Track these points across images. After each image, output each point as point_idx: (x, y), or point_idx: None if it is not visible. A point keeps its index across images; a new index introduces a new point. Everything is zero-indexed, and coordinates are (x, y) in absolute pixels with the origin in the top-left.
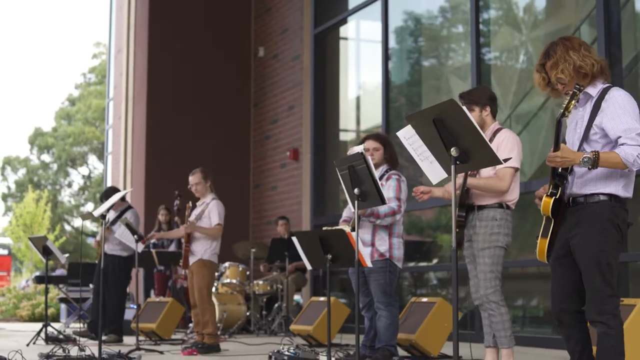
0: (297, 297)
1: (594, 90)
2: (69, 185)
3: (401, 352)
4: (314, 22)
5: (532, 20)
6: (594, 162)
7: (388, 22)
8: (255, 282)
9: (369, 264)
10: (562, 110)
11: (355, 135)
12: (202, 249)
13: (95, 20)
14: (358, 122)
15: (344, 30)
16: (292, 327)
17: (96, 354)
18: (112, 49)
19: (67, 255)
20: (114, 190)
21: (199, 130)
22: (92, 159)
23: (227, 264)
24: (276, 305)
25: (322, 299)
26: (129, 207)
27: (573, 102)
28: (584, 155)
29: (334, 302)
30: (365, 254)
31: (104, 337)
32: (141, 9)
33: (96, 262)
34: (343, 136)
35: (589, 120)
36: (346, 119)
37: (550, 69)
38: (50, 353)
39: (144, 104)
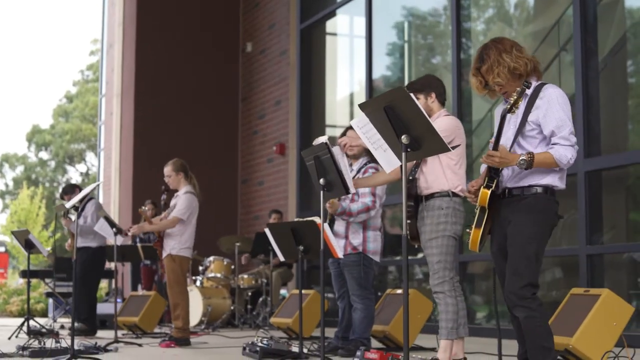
0: (283, 291)
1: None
2: (67, 182)
3: (375, 343)
4: (299, 17)
5: (525, 16)
6: (529, 163)
7: (372, 17)
8: (240, 276)
9: (340, 255)
10: (508, 106)
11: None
12: (172, 244)
13: (93, 17)
14: (352, 117)
15: (331, 26)
16: (273, 320)
17: (75, 347)
18: (104, 44)
19: (49, 249)
20: (72, 186)
21: (187, 125)
22: (90, 156)
23: (211, 258)
24: (261, 299)
25: (303, 291)
26: (90, 198)
27: (521, 98)
28: (520, 158)
29: (314, 295)
30: (338, 246)
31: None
32: (129, 4)
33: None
34: (330, 131)
35: (523, 116)
36: (335, 114)
37: (486, 73)
38: (26, 345)
39: (132, 100)
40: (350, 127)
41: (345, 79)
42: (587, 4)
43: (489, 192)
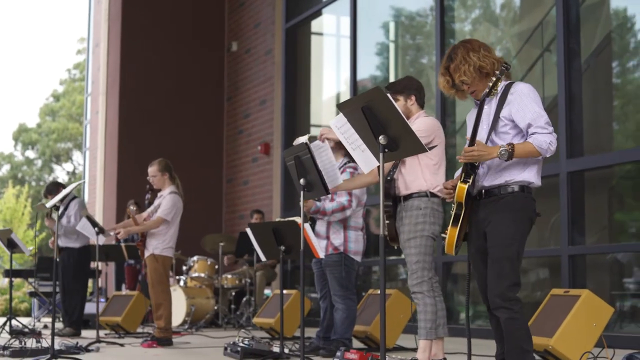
0: (267, 291)
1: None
2: (51, 181)
3: (357, 343)
4: (285, 17)
5: (511, 16)
6: (510, 154)
7: (357, 17)
8: (224, 275)
9: (322, 256)
10: (487, 90)
11: None
12: (154, 244)
13: (80, 16)
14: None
15: (316, 25)
16: (255, 320)
17: (55, 347)
18: (90, 43)
19: (31, 248)
20: (56, 185)
21: (172, 124)
22: (77, 155)
23: (195, 257)
24: (244, 299)
25: (285, 292)
26: (74, 197)
27: (500, 80)
28: (501, 149)
29: (297, 294)
30: (320, 246)
31: (62, 331)
32: (115, 3)
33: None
34: (315, 131)
35: (495, 113)
36: (320, 114)
37: (453, 71)
38: (7, 345)
39: (117, 98)
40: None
41: (331, 78)
42: (570, 5)
43: (466, 187)
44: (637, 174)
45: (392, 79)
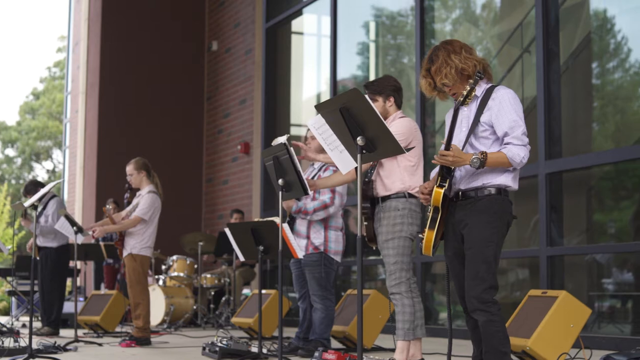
0: (246, 290)
1: (478, 90)
2: (31, 179)
3: (335, 343)
4: (265, 16)
5: (492, 16)
6: (482, 162)
7: (337, 16)
8: (203, 275)
9: (300, 256)
10: (462, 98)
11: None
12: (133, 243)
13: (60, 14)
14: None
15: (297, 25)
16: (234, 319)
17: (33, 346)
18: (70, 41)
19: (10, 247)
20: (35, 183)
21: (152, 123)
22: (57, 154)
23: (175, 257)
24: (224, 298)
25: (264, 292)
26: (53, 196)
27: (474, 90)
28: (473, 157)
29: (276, 294)
30: (300, 246)
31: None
32: (95, 1)
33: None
34: (295, 131)
35: (475, 117)
36: (300, 114)
37: (435, 74)
38: None
39: (97, 97)
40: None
41: (312, 78)
42: (549, 6)
43: (442, 191)
44: (615, 175)
45: (372, 78)
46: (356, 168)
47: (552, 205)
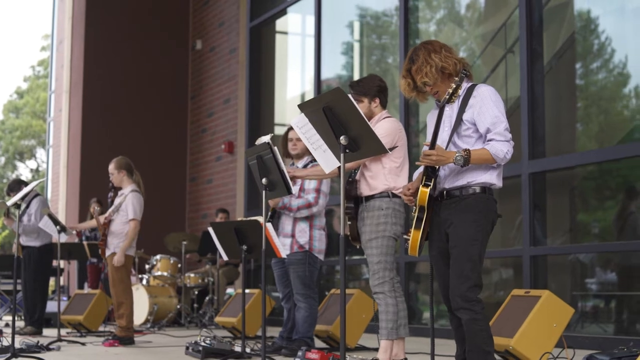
0: (229, 290)
1: (460, 89)
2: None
3: (319, 343)
4: (249, 16)
5: (476, 17)
6: (466, 160)
7: (321, 16)
8: (186, 274)
9: (284, 255)
10: (447, 96)
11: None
12: (116, 242)
13: (45, 12)
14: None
15: (281, 24)
16: (217, 319)
17: (16, 345)
18: (54, 40)
19: None
20: (19, 182)
21: (136, 122)
22: (40, 153)
23: (158, 256)
24: (207, 298)
25: (247, 291)
26: (36, 195)
27: (460, 87)
28: (457, 155)
29: (260, 294)
30: (284, 244)
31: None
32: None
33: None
34: (279, 130)
35: (457, 115)
36: (284, 113)
37: (416, 73)
38: None
39: (80, 96)
40: (291, 128)
41: (296, 78)
42: (532, 6)
43: (428, 190)
44: (599, 175)
45: (357, 78)
46: (339, 167)
47: (536, 205)
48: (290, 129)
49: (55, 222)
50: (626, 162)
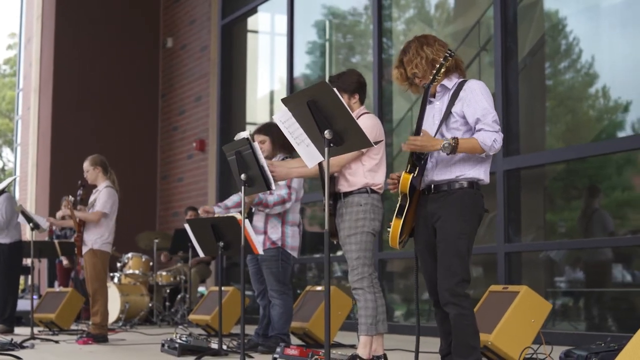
0: (201, 288)
1: (450, 83)
2: None
3: (295, 340)
4: (221, 14)
5: (445, 16)
6: (454, 147)
7: (294, 14)
8: (158, 273)
9: (261, 252)
10: (431, 76)
11: None
12: (93, 238)
13: (11, 11)
14: (272, 115)
15: (252, 23)
16: (191, 316)
17: None
18: (22, 38)
19: None
20: None
21: (106, 121)
22: (6, 152)
23: (130, 254)
24: (179, 296)
25: (222, 288)
26: (2, 192)
27: (445, 65)
28: (444, 142)
29: (233, 291)
30: (257, 241)
31: None
32: None
33: None
34: (251, 129)
35: (447, 108)
36: (255, 111)
37: (407, 64)
38: None
39: (50, 94)
40: (254, 132)
41: (266, 76)
42: (507, 4)
43: (410, 177)
44: (567, 175)
45: (326, 77)
46: (322, 162)
47: (510, 202)
48: (258, 130)
49: (28, 219)
50: (594, 161)
